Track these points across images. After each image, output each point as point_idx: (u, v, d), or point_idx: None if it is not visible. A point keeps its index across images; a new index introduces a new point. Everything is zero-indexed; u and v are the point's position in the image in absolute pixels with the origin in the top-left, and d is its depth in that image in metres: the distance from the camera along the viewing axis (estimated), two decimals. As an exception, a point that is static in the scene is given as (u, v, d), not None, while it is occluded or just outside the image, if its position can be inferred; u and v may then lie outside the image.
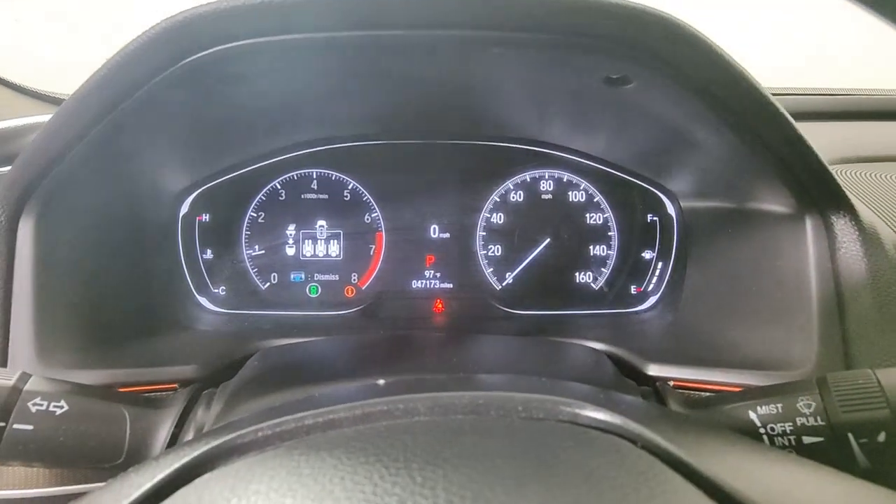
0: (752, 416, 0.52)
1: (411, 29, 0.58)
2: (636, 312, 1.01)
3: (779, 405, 0.51)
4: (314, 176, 1.02)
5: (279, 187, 1.01)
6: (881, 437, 0.46)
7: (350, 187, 1.02)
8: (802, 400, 0.50)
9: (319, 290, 1.02)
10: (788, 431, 0.49)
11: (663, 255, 1.01)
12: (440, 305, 1.02)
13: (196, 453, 0.36)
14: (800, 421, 0.49)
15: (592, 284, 1.04)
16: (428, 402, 0.39)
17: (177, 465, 0.35)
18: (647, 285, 1.02)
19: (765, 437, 0.50)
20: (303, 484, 0.31)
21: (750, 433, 0.51)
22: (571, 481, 0.31)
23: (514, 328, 0.98)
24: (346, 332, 0.92)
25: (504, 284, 1.03)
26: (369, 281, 1.02)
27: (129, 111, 0.63)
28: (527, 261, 1.03)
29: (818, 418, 0.49)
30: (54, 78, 1.14)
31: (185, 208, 0.97)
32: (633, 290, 1.03)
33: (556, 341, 0.81)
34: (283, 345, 0.80)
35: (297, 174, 1.02)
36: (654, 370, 0.72)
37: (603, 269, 1.03)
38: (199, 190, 0.98)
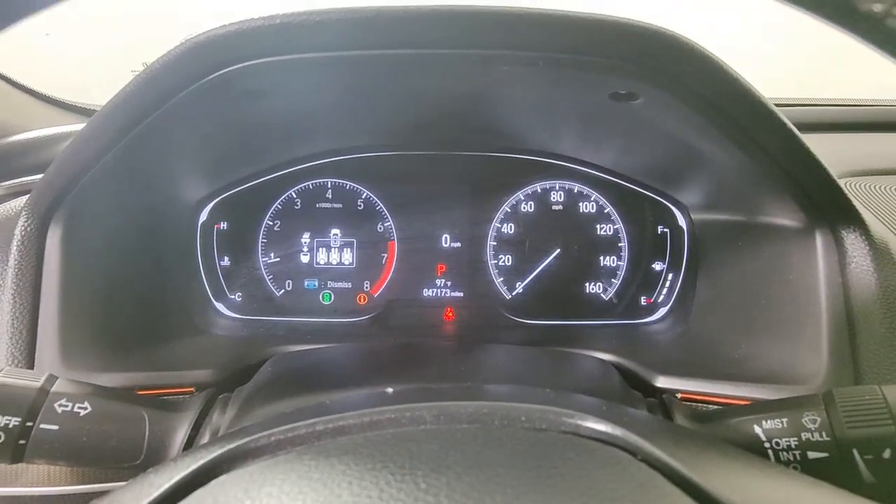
0: (758, 430, 0.52)
1: (423, 48, 0.60)
2: (646, 324, 1.01)
3: (784, 420, 0.51)
4: (329, 185, 1.04)
5: (295, 196, 1.04)
6: (886, 453, 0.46)
7: (364, 197, 1.04)
8: (808, 415, 0.50)
9: (332, 297, 1.04)
10: (793, 446, 0.50)
11: (674, 267, 1.01)
12: (450, 314, 1.04)
13: (211, 456, 0.37)
14: (805, 436, 0.49)
15: (602, 295, 1.04)
16: (434, 410, 0.40)
17: (193, 467, 0.36)
18: (658, 297, 1.02)
19: (770, 451, 0.50)
20: (312, 488, 0.32)
21: (755, 447, 0.51)
22: (571, 491, 0.32)
23: (524, 338, 0.98)
24: (357, 339, 0.94)
25: (514, 294, 1.04)
26: (381, 289, 1.04)
27: (154, 124, 0.66)
28: (537, 271, 1.04)
29: (823, 433, 0.49)
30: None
31: (203, 216, 1.00)
32: (643, 301, 1.03)
33: (564, 352, 0.81)
34: (295, 351, 0.82)
35: (312, 183, 1.04)
36: (662, 382, 0.73)
37: (613, 280, 1.04)
38: (218, 199, 1.01)
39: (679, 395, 0.70)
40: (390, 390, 0.47)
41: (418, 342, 0.93)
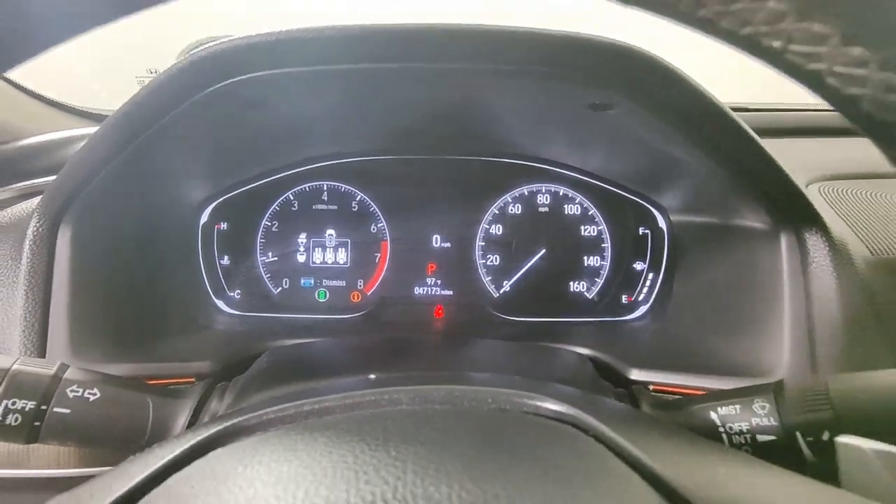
0: (714, 416, 0.56)
1: (410, 62, 0.64)
2: (626, 321, 1.05)
3: (737, 406, 0.55)
4: (325, 188, 1.09)
5: (292, 198, 1.09)
6: (825, 435, 0.50)
7: (358, 199, 1.09)
8: (758, 402, 0.55)
9: (327, 295, 1.09)
10: (745, 430, 0.54)
11: (654, 267, 1.05)
12: (440, 311, 1.08)
13: (210, 432, 0.42)
14: (755, 421, 0.54)
15: (586, 293, 1.08)
16: (410, 393, 0.45)
17: (194, 440, 0.41)
18: (638, 295, 1.07)
19: (724, 435, 0.55)
20: (297, 457, 0.36)
21: (711, 432, 0.55)
22: (523, 460, 0.36)
23: (510, 334, 1.02)
24: (350, 335, 0.99)
25: (501, 292, 1.09)
26: (374, 287, 1.09)
27: (160, 131, 0.70)
28: (523, 270, 1.08)
29: (771, 419, 0.53)
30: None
31: (204, 217, 1.05)
32: (624, 299, 1.07)
33: (544, 346, 0.86)
34: (290, 344, 0.86)
35: (308, 186, 1.09)
36: (635, 374, 0.77)
37: (596, 279, 1.08)
38: (219, 200, 1.05)
39: (651, 387, 0.75)
40: (373, 376, 0.51)
41: (406, 337, 0.97)
